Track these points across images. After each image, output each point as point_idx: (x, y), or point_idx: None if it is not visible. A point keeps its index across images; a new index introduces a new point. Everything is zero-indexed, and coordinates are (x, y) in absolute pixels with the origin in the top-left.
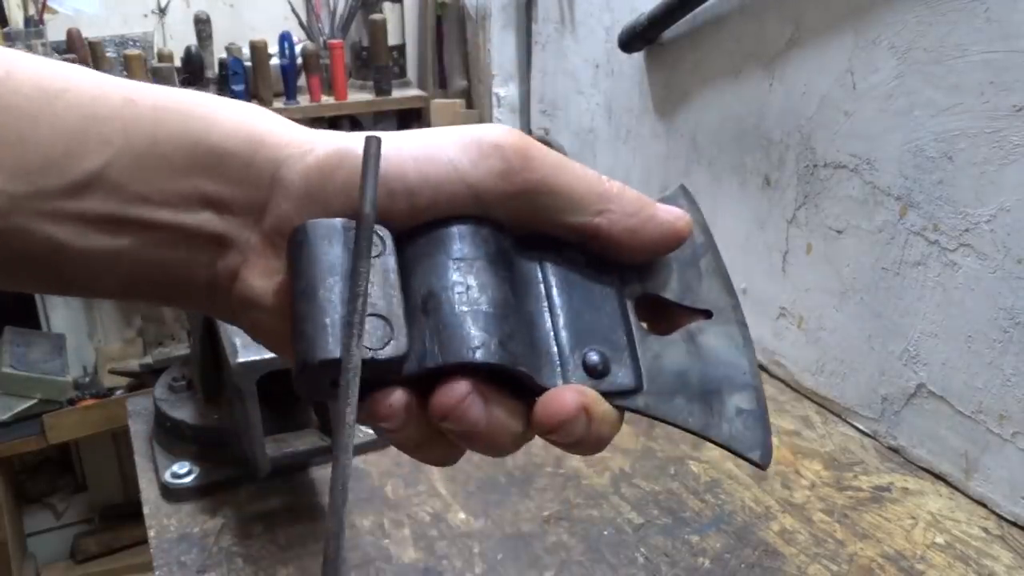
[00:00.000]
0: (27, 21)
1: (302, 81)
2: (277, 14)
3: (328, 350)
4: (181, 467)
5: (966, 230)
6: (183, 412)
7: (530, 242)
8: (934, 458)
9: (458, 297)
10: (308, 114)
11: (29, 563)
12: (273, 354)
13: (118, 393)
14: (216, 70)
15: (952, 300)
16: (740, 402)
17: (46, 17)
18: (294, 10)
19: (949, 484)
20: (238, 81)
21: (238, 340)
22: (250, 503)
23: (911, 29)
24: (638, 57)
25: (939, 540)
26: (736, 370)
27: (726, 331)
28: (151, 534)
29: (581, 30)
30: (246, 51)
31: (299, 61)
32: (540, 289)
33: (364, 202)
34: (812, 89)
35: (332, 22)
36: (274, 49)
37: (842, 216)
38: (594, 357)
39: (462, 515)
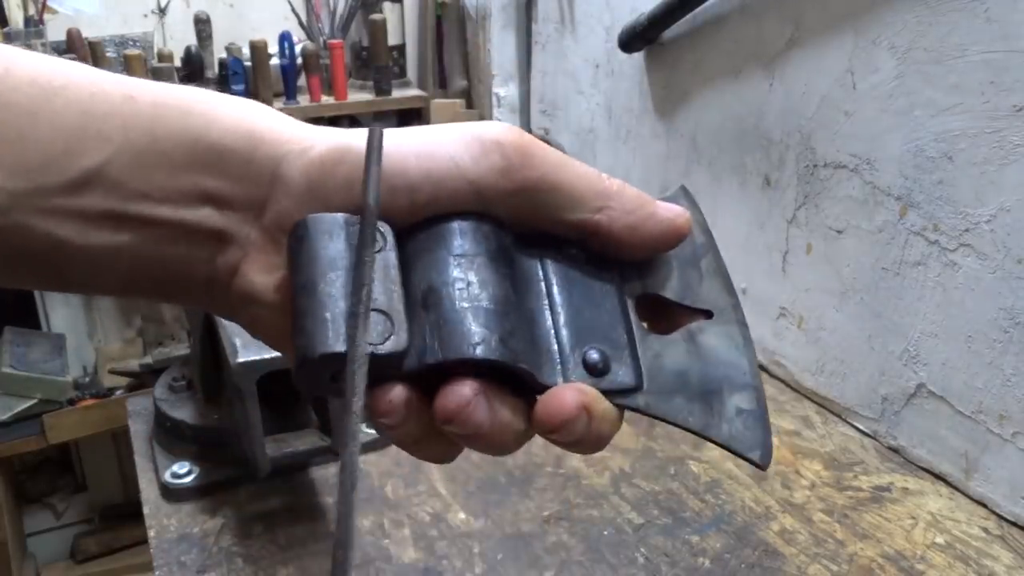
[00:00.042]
0: (27, 21)
1: (302, 81)
2: (277, 14)
3: (328, 344)
4: (181, 467)
5: (966, 230)
6: (183, 412)
7: (531, 239)
8: (934, 458)
9: (459, 293)
10: (308, 114)
11: (29, 563)
12: (273, 354)
13: (118, 393)
14: (216, 70)
15: (952, 300)
16: (740, 402)
17: (46, 17)
18: (294, 10)
19: (949, 484)
20: (238, 81)
21: (238, 340)
22: (250, 503)
23: (911, 29)
24: (638, 57)
25: (939, 540)
26: (736, 370)
27: (726, 331)
28: (151, 534)
29: (581, 30)
30: (246, 51)
31: (299, 61)
32: (541, 286)
33: (368, 192)
34: (812, 89)
35: (332, 22)
36: (274, 49)
37: (842, 216)
38: (594, 355)
39: (462, 515)
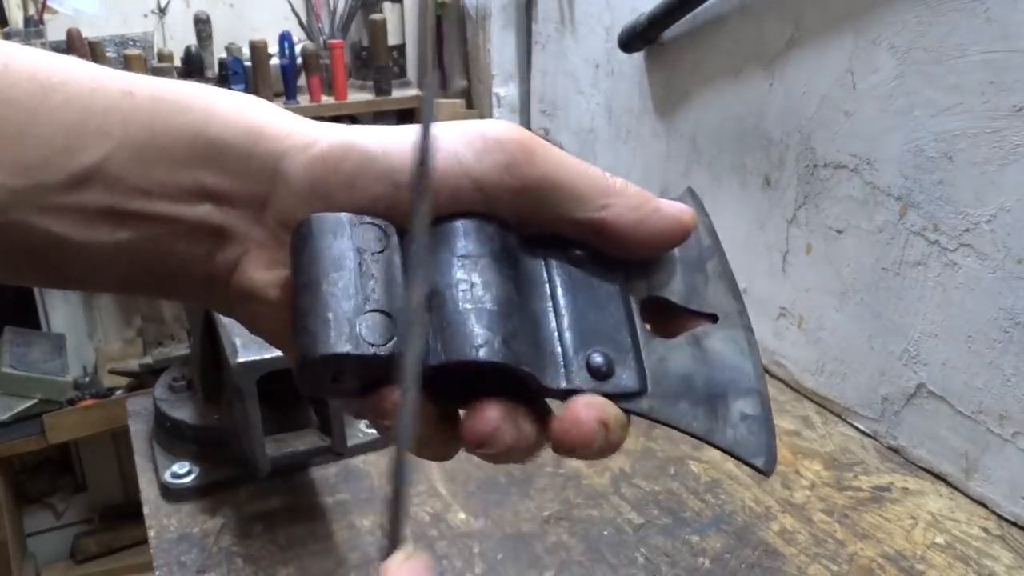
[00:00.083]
0: (27, 21)
1: (302, 81)
2: (277, 14)
3: (330, 344)
4: (181, 467)
5: (966, 230)
6: (183, 412)
7: (535, 240)
8: (934, 458)
9: (462, 295)
10: (308, 114)
11: (29, 563)
12: (273, 354)
13: (118, 393)
14: (216, 70)
15: (952, 300)
16: (745, 407)
17: (46, 17)
18: (294, 10)
19: (949, 484)
20: (238, 81)
21: (238, 340)
22: (250, 503)
23: (911, 29)
24: (638, 57)
25: (939, 540)
26: (741, 375)
27: (732, 336)
28: (151, 534)
29: (581, 30)
30: (246, 51)
31: (299, 61)
32: (545, 288)
33: (423, 143)
34: (812, 89)
35: (332, 22)
36: (274, 49)
37: (842, 216)
38: (598, 358)
39: (462, 515)
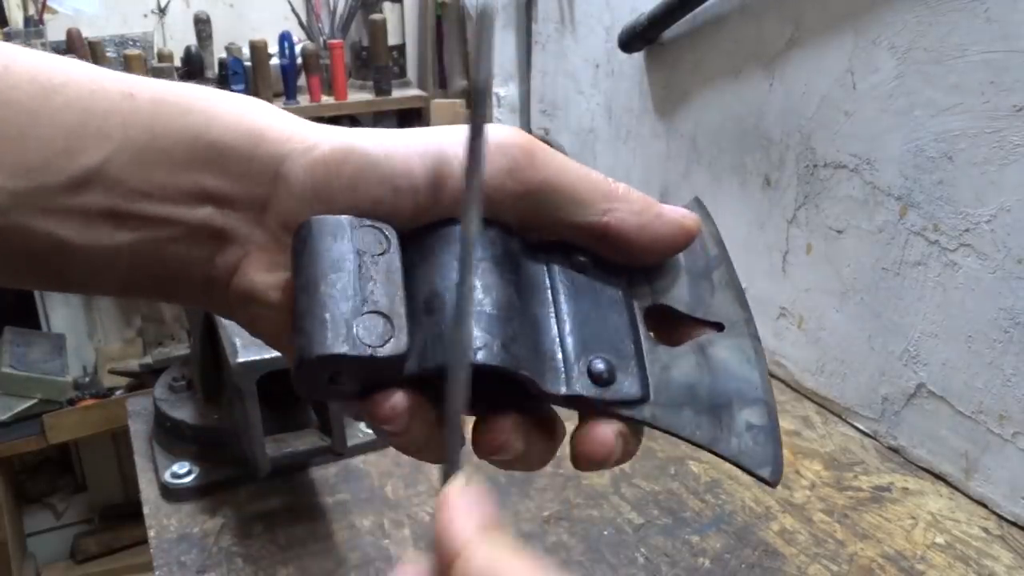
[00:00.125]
0: (27, 21)
1: (302, 81)
2: (277, 14)
3: (326, 345)
4: (181, 467)
5: (966, 230)
6: (183, 412)
7: (538, 246)
8: (934, 458)
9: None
10: (308, 114)
11: (29, 563)
12: (273, 354)
13: (118, 393)
14: (216, 70)
15: (952, 300)
16: (750, 417)
17: (46, 17)
18: (294, 10)
19: (949, 484)
20: (238, 81)
21: (238, 340)
22: (250, 503)
23: (911, 29)
24: (638, 57)
25: (939, 540)
26: (747, 384)
27: (738, 344)
28: (151, 534)
29: (581, 30)
30: (246, 51)
31: (299, 61)
32: (547, 293)
33: (480, 73)
34: (812, 89)
35: (332, 22)
36: (274, 49)
37: (842, 216)
38: (600, 365)
39: None
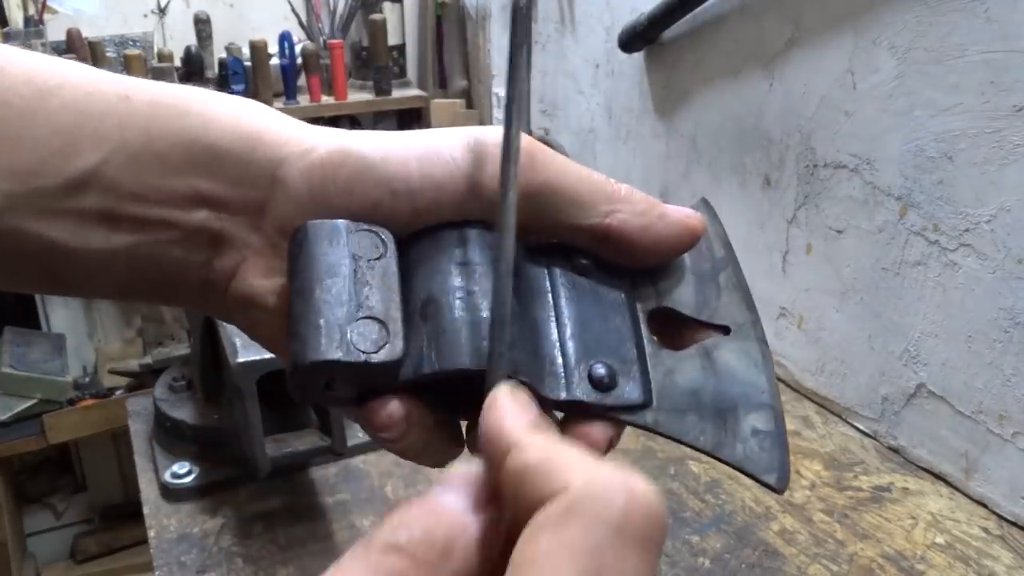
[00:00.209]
0: (27, 21)
1: (302, 81)
2: (277, 14)
3: (320, 351)
4: (181, 467)
5: (966, 230)
6: (183, 412)
7: (539, 250)
8: (934, 458)
9: (459, 303)
10: (308, 114)
11: (29, 563)
12: (274, 355)
13: (118, 393)
14: (216, 70)
15: (952, 300)
16: (756, 422)
17: (46, 17)
18: (294, 10)
19: (949, 484)
20: (238, 81)
21: (238, 340)
22: (250, 503)
23: (911, 29)
24: (638, 57)
25: (939, 540)
26: (754, 389)
27: (745, 348)
28: (151, 534)
29: (581, 30)
30: (246, 51)
31: (299, 61)
32: (547, 298)
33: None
34: (812, 89)
35: (332, 22)
36: (274, 49)
37: (842, 216)
38: (601, 370)
39: None
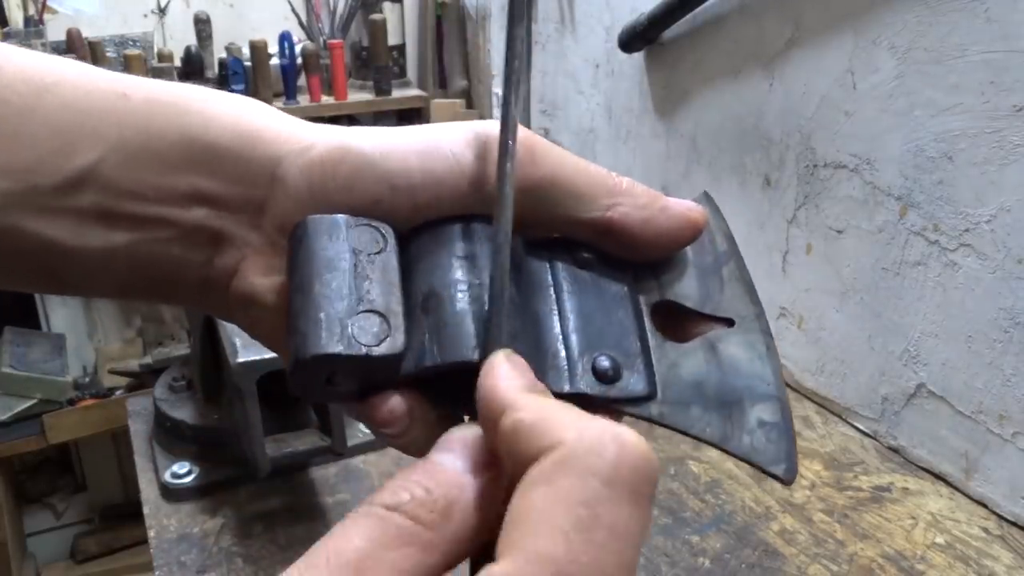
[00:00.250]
0: (27, 21)
1: (302, 81)
2: (277, 14)
3: (320, 345)
4: (181, 467)
5: (966, 230)
6: (183, 412)
7: (541, 244)
8: (934, 458)
9: (460, 296)
10: (308, 114)
11: (29, 563)
12: (273, 354)
13: (118, 393)
14: (216, 70)
15: (952, 300)
16: (762, 413)
17: (46, 17)
18: (294, 10)
19: (949, 484)
20: (238, 81)
21: (238, 340)
22: (250, 503)
23: (911, 29)
24: (638, 57)
25: (939, 540)
26: (759, 381)
27: (749, 340)
28: (151, 534)
29: (581, 30)
30: (246, 51)
31: (299, 61)
32: (550, 291)
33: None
34: (812, 89)
35: (332, 22)
36: (274, 49)
37: (842, 216)
38: (604, 362)
39: None
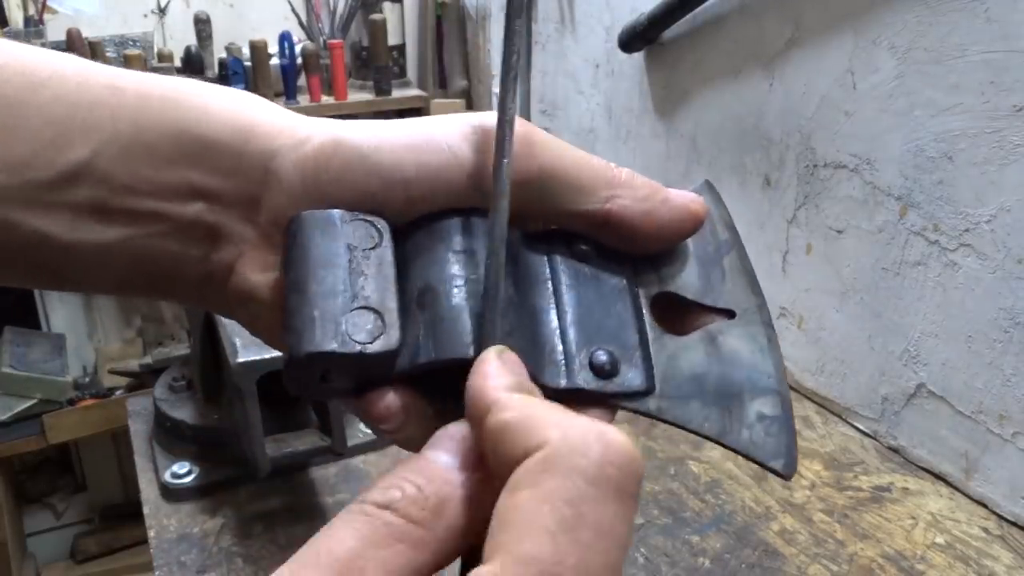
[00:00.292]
0: (27, 21)
1: (302, 81)
2: (277, 14)
3: (316, 343)
4: (181, 467)
5: (966, 230)
6: (183, 412)
7: (539, 237)
8: (934, 458)
9: (456, 291)
10: (308, 114)
11: (29, 563)
12: (273, 354)
13: (118, 393)
14: (216, 70)
15: (952, 300)
16: (762, 407)
17: (46, 17)
18: (294, 10)
19: (949, 484)
20: (238, 81)
21: (238, 340)
22: (250, 503)
23: (911, 29)
24: (638, 57)
25: (939, 540)
26: (759, 374)
27: (750, 332)
28: (151, 534)
29: (581, 30)
30: (246, 51)
31: (299, 61)
32: (547, 285)
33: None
34: (812, 89)
35: (332, 22)
36: (274, 49)
37: (842, 216)
38: (602, 356)
39: None
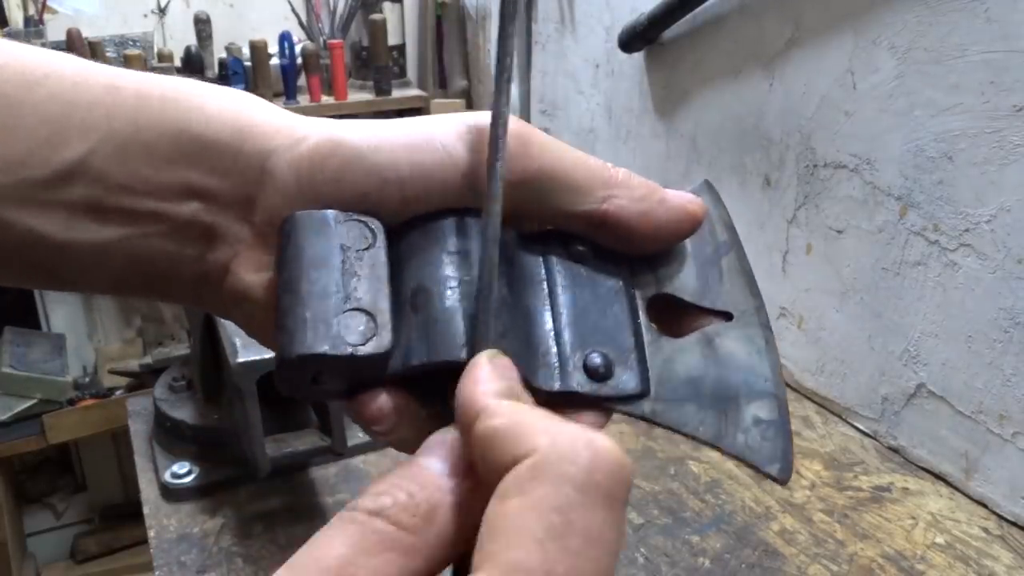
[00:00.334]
0: (27, 21)
1: (302, 81)
2: (277, 14)
3: (307, 345)
4: (181, 467)
5: (966, 230)
6: (183, 412)
7: (535, 237)
8: (934, 458)
9: (449, 292)
10: (308, 114)
11: (29, 563)
12: (273, 353)
13: (118, 393)
14: (216, 70)
15: (952, 300)
16: (758, 411)
17: (46, 17)
18: (294, 10)
19: (949, 484)
20: (238, 81)
21: (238, 340)
22: (250, 503)
23: (911, 29)
24: (638, 57)
25: (939, 540)
26: (756, 377)
27: (747, 335)
28: (151, 534)
29: (581, 30)
30: (246, 51)
31: (299, 61)
32: (543, 286)
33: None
34: (812, 89)
35: (332, 22)
36: (274, 49)
37: (842, 216)
38: (596, 359)
39: None
